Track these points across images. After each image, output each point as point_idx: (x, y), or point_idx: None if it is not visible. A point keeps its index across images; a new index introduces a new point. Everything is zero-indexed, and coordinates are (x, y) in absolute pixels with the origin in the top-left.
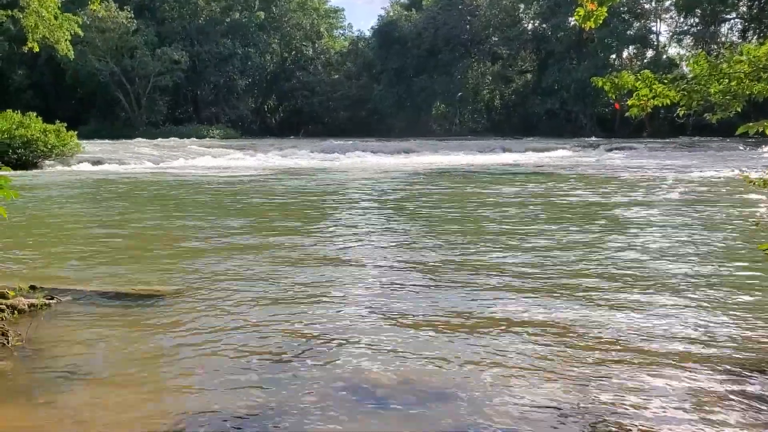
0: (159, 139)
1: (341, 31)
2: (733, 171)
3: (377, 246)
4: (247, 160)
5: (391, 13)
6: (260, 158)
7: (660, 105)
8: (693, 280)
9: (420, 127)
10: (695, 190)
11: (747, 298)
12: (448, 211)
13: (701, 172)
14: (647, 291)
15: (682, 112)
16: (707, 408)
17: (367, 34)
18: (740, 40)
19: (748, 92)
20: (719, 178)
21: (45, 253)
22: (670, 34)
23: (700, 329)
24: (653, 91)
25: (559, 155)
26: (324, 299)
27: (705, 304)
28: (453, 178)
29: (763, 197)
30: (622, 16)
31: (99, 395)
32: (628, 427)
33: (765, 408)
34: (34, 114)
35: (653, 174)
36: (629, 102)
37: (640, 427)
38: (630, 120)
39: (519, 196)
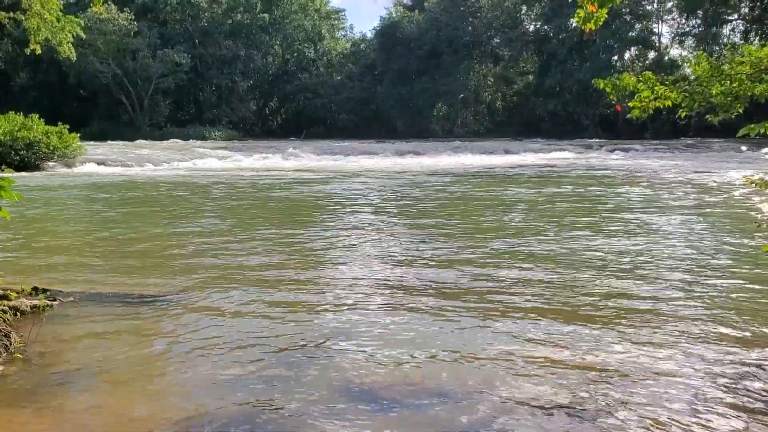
0: (161, 140)
1: (343, 33)
2: (732, 172)
3: (379, 247)
4: (249, 162)
5: (393, 15)
6: (262, 160)
7: (662, 106)
8: (694, 282)
9: (422, 128)
10: (696, 191)
11: (748, 298)
12: (452, 213)
13: (703, 173)
14: (648, 291)
15: (684, 113)
16: (708, 408)
17: (369, 35)
18: (742, 42)
19: (749, 93)
20: (721, 179)
21: (47, 254)
22: (672, 35)
23: (701, 330)
24: (655, 92)
25: (561, 157)
26: (326, 300)
27: (706, 305)
28: (456, 179)
29: (765, 198)
30: (624, 17)
31: (101, 397)
32: (633, 426)
33: (765, 409)
34: (37, 116)
35: (654, 175)
36: (631, 104)
37: (644, 426)
38: (632, 121)
39: (520, 199)
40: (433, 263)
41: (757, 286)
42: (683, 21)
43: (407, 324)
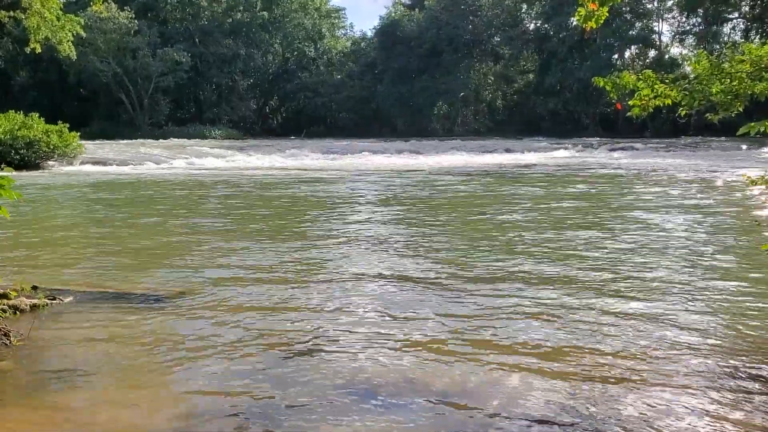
0: (161, 140)
1: (343, 32)
2: (732, 171)
3: (381, 248)
4: (250, 161)
5: (394, 13)
6: (262, 159)
7: (662, 105)
8: (694, 281)
9: (422, 127)
10: (696, 189)
11: (748, 298)
12: (455, 214)
13: (703, 171)
14: (649, 291)
15: (684, 111)
16: (707, 408)
17: (370, 34)
18: (743, 40)
19: (749, 92)
20: (721, 177)
21: (47, 253)
22: (673, 34)
23: (702, 330)
24: (655, 90)
25: (562, 156)
26: (326, 301)
27: (706, 305)
28: (458, 179)
29: (765, 196)
30: (625, 16)
31: (100, 396)
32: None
33: (764, 408)
34: (37, 114)
35: (655, 174)
36: (631, 102)
37: (643, 428)
38: (632, 120)
39: (523, 199)
40: (434, 264)
41: (757, 287)
42: (684, 19)
43: (408, 327)
